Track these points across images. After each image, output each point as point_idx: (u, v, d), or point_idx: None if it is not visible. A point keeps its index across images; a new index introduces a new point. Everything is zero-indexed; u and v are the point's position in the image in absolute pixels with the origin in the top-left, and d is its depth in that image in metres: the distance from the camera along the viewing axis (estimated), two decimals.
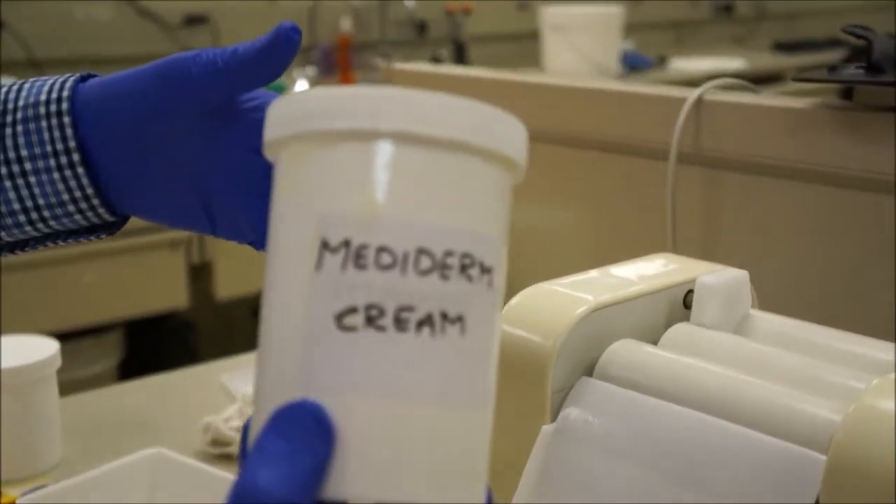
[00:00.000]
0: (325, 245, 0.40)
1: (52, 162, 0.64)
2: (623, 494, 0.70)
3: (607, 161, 1.30)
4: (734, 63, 3.63)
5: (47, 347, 1.11)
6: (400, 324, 0.40)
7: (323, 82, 3.55)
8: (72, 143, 0.64)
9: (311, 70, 3.62)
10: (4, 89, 0.63)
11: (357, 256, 0.40)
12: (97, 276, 2.80)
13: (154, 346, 3.10)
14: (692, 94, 1.16)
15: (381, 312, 0.40)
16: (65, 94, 0.64)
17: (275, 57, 0.62)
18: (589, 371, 0.76)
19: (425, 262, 0.40)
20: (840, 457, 0.59)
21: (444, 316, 0.40)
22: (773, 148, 1.13)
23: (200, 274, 3.06)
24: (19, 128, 0.64)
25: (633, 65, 3.48)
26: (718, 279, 0.79)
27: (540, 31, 3.40)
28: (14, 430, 1.07)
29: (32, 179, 0.64)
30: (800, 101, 1.11)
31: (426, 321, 0.40)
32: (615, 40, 3.35)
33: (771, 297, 0.86)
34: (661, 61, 3.69)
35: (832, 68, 1.07)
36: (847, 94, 1.08)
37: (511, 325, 0.76)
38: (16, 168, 0.64)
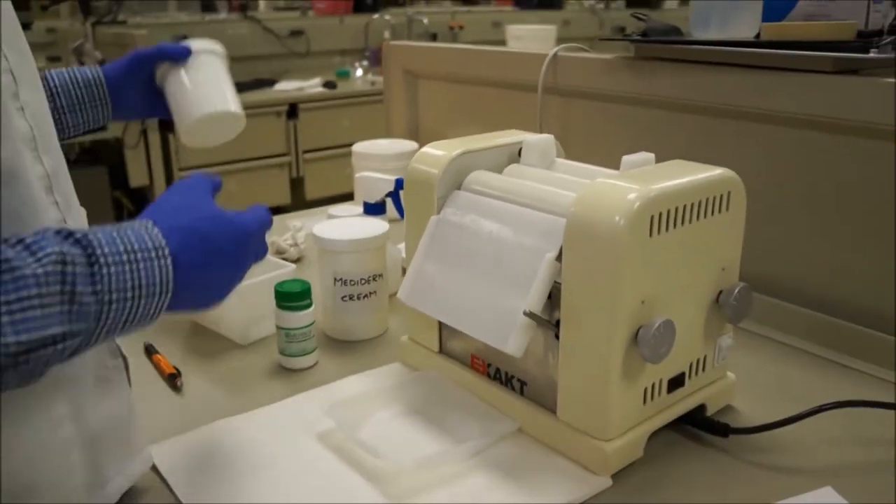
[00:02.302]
0: None
1: None
2: (470, 249, 0.75)
3: (506, 95, 1.32)
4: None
5: None
6: None
7: (372, 71, 3.57)
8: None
9: (365, 62, 3.63)
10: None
11: None
12: (234, 185, 2.86)
13: None
14: (551, 52, 1.19)
15: None
16: None
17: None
18: (459, 187, 0.81)
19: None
20: (571, 217, 0.65)
21: None
22: (597, 83, 1.14)
23: (297, 183, 3.14)
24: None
25: None
26: (536, 139, 0.84)
27: (506, 40, 3.40)
28: None
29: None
30: (609, 55, 1.13)
31: None
32: (551, 45, 3.32)
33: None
34: None
35: (626, 36, 1.10)
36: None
37: (417, 163, 0.82)
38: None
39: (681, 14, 4.57)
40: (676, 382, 0.72)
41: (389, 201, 1.08)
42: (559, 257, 0.67)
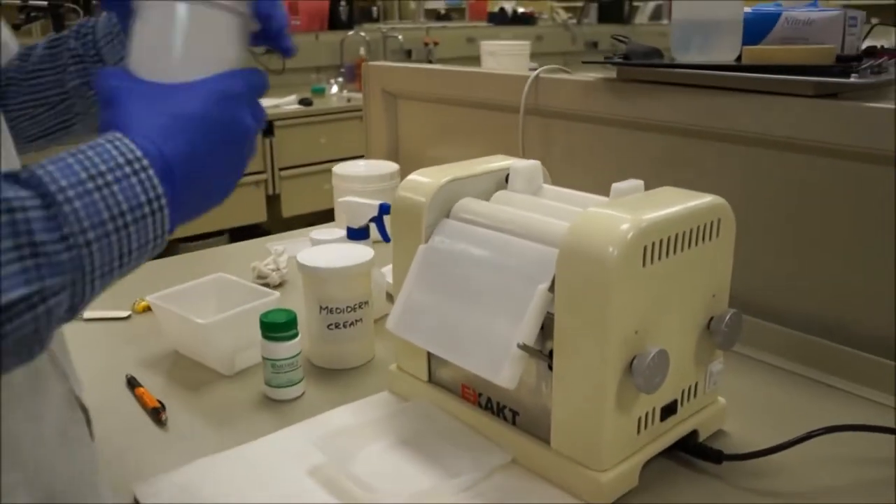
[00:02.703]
0: None
1: None
2: (460, 278, 0.74)
3: (487, 115, 1.31)
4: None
5: None
6: None
7: (348, 87, 3.56)
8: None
9: (340, 79, 3.62)
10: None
11: None
12: None
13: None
14: (533, 74, 1.18)
15: None
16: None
17: None
18: (447, 215, 0.79)
19: None
20: (564, 248, 0.64)
21: None
22: (578, 104, 1.14)
23: (273, 200, 3.11)
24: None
25: None
26: (523, 165, 0.83)
27: (480, 56, 3.40)
28: None
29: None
30: (591, 76, 1.13)
31: None
32: (525, 61, 3.34)
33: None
34: None
35: (608, 59, 1.10)
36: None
37: (404, 190, 0.80)
38: None
39: (653, 29, 4.62)
40: (669, 410, 0.71)
41: (373, 225, 1.06)
42: (551, 288, 0.66)
